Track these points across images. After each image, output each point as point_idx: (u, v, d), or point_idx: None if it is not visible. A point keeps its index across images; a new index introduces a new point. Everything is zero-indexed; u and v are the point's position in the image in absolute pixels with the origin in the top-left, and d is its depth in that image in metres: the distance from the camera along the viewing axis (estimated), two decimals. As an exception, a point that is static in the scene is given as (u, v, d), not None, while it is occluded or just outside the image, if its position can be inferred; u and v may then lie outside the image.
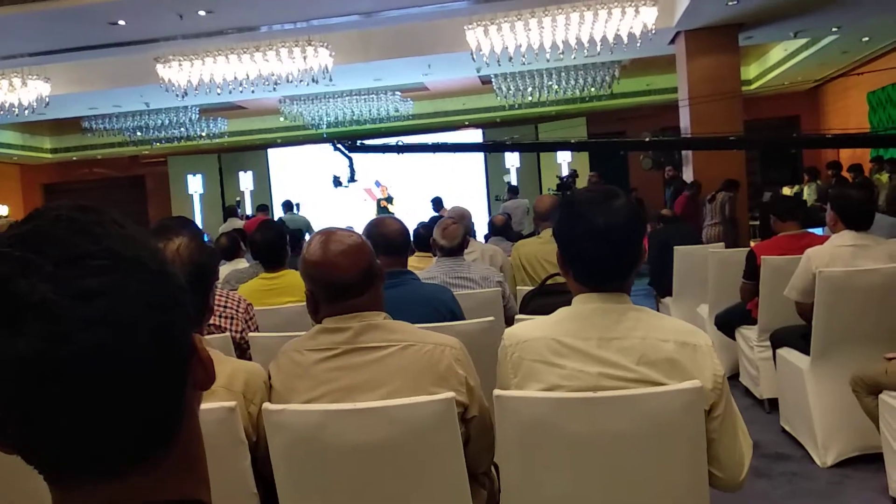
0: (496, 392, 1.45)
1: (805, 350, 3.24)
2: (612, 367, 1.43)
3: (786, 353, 3.48)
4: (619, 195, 1.49)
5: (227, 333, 2.35)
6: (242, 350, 2.42)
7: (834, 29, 9.53)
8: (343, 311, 1.57)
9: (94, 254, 0.52)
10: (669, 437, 1.39)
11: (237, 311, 2.46)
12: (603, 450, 1.41)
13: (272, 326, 2.76)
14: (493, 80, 11.16)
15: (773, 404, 3.80)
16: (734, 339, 4.30)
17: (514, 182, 13.23)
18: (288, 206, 10.63)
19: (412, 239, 4.96)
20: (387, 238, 2.47)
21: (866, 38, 10.35)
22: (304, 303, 2.98)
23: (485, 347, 2.05)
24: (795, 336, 3.40)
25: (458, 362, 1.56)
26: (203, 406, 1.43)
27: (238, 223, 8.99)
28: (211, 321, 2.39)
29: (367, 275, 1.58)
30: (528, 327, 1.56)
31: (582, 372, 1.44)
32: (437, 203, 10.11)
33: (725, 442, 1.42)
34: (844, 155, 11.99)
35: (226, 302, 2.46)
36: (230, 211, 10.79)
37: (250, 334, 2.40)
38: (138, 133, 12.60)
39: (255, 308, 2.80)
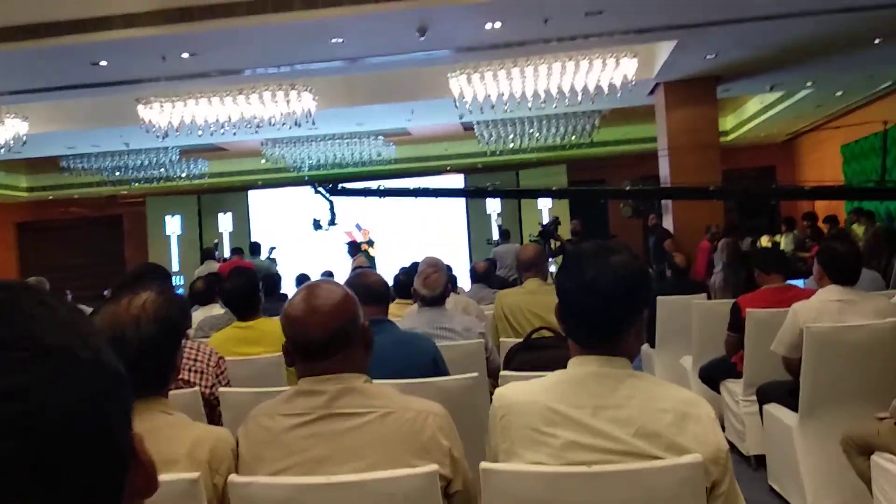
0: (483, 465, 1.35)
1: (793, 406, 3.17)
2: (606, 440, 1.34)
3: (773, 409, 3.41)
4: (619, 251, 1.43)
5: (197, 389, 2.23)
6: (212, 406, 2.30)
7: (808, 83, 9.77)
8: (317, 371, 1.47)
9: (9, 343, 0.43)
10: (668, 514, 1.29)
11: (207, 364, 2.34)
12: (598, 529, 1.31)
13: (245, 378, 2.64)
14: (475, 126, 11.24)
15: (760, 461, 3.71)
16: (719, 392, 4.22)
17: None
18: (254, 249, 10.33)
19: (393, 285, 4.90)
20: (369, 288, 2.40)
21: (840, 93, 10.61)
22: (280, 353, 2.89)
23: (468, 407, 1.96)
24: (783, 392, 3.33)
25: (441, 431, 1.45)
26: (163, 477, 1.32)
27: (215, 266, 8.85)
28: (180, 376, 2.27)
29: (340, 336, 1.48)
30: (520, 390, 1.47)
31: (575, 443, 1.35)
32: (353, 247, 9.96)
33: None
34: (819, 206, 12.17)
35: (196, 355, 2.34)
36: (207, 253, 10.62)
37: (221, 389, 2.28)
38: (117, 173, 12.46)
39: (228, 358, 2.69)
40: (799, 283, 5.16)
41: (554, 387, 1.43)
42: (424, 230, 14.47)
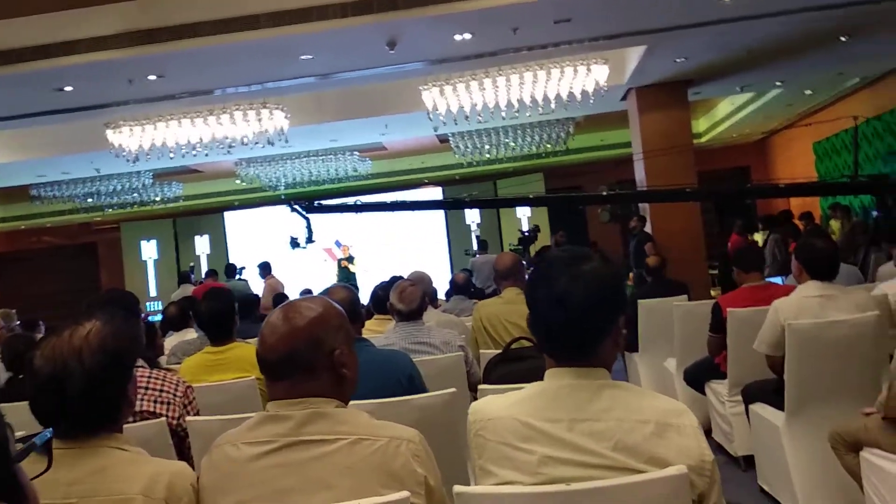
0: (457, 489, 1.28)
1: (779, 405, 3.14)
2: (584, 454, 1.28)
3: (759, 408, 3.38)
4: (589, 259, 1.37)
5: (163, 420, 2.14)
6: (180, 438, 2.20)
7: (778, 83, 9.87)
8: (282, 393, 1.40)
9: None
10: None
11: (174, 394, 2.25)
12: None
13: (217, 405, 2.55)
14: (450, 138, 11.23)
15: (748, 461, 3.67)
16: (704, 393, 4.19)
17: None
18: (230, 271, 10.05)
19: (370, 300, 4.82)
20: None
21: (809, 91, 10.74)
22: (252, 377, 2.80)
23: (447, 424, 1.89)
24: (768, 391, 3.30)
25: (416, 459, 1.37)
26: (116, 518, 1.23)
27: (191, 289, 8.71)
28: (145, 407, 2.18)
29: (294, 359, 1.40)
30: (495, 404, 1.41)
31: (551, 458, 1.29)
32: (265, 268, 9.73)
33: None
34: (795, 203, 12.28)
35: (162, 385, 2.25)
36: (184, 277, 10.47)
37: (188, 419, 2.19)
38: (89, 200, 12.27)
39: (200, 385, 2.60)
40: (778, 280, 5.17)
41: (528, 400, 1.37)
42: (404, 244, 14.41)
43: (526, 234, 10.40)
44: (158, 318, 9.57)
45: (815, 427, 2.93)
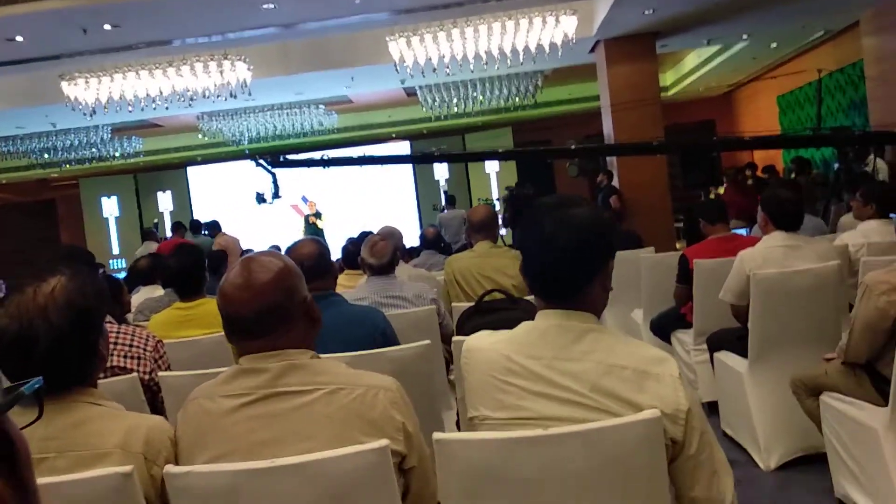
0: (436, 436, 1.30)
1: (742, 353, 3.22)
2: (561, 391, 1.31)
3: (723, 356, 3.47)
4: (578, 203, 1.39)
5: (135, 375, 2.11)
6: (153, 392, 2.19)
7: (744, 36, 9.89)
8: (256, 349, 1.38)
9: None
10: (626, 474, 1.26)
11: (144, 349, 2.22)
12: (555, 492, 1.27)
13: (187, 361, 2.53)
14: (417, 91, 11.07)
15: (712, 408, 3.78)
16: (670, 343, 4.29)
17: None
18: (195, 227, 9.85)
19: (341, 255, 4.79)
20: (306, 259, 2.28)
21: (774, 45, 10.79)
22: (222, 333, 2.78)
23: (421, 375, 1.90)
24: (732, 339, 3.38)
25: (394, 406, 1.38)
26: (93, 473, 1.22)
27: (154, 247, 8.54)
28: (115, 363, 2.15)
29: (274, 313, 1.38)
30: (485, 339, 1.47)
31: (529, 393, 1.33)
32: (214, 227, 9.33)
33: (700, 488, 1.31)
34: (758, 157, 12.46)
35: (131, 340, 2.22)
36: (147, 234, 10.26)
37: (160, 374, 2.17)
38: (45, 155, 11.89)
39: (169, 341, 2.57)
40: (743, 232, 5.27)
41: (515, 338, 1.41)
42: (372, 199, 14.31)
43: (513, 190, 10.17)
44: (122, 276, 9.41)
45: (777, 373, 3.02)
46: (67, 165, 12.55)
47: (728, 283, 3.23)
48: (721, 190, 11.28)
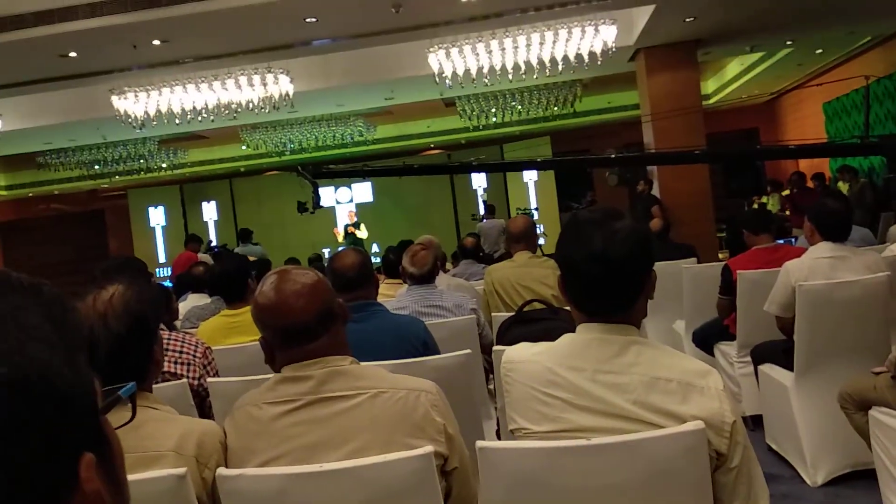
0: (479, 444, 1.31)
1: (788, 366, 3.17)
2: (603, 404, 1.31)
3: (768, 369, 3.41)
4: (621, 216, 1.38)
5: (184, 381, 2.18)
6: (201, 398, 2.25)
7: (788, 42, 9.72)
8: (302, 356, 1.43)
9: None
10: (669, 486, 1.26)
11: (194, 356, 2.29)
12: (598, 503, 1.27)
13: (235, 367, 2.59)
14: (456, 102, 11.13)
15: (756, 421, 3.72)
16: (713, 355, 4.23)
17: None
18: (244, 236, 10.20)
19: (381, 264, 4.85)
20: (338, 273, 2.34)
21: (819, 51, 10.57)
22: (269, 341, 2.84)
23: (462, 385, 1.92)
24: (777, 351, 3.33)
25: (435, 409, 1.41)
26: (149, 475, 1.27)
27: (206, 257, 8.73)
28: (166, 368, 2.22)
29: (325, 315, 1.44)
30: (526, 350, 1.46)
31: (571, 405, 1.33)
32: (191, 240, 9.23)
33: (739, 503, 1.30)
34: (804, 165, 12.19)
35: (181, 346, 2.29)
36: (192, 239, 10.49)
37: (209, 380, 2.23)
38: (96, 167, 12.28)
39: (217, 348, 2.64)
40: (789, 241, 5.17)
41: (557, 349, 1.41)
42: (411, 210, 14.42)
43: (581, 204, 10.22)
44: (168, 284, 9.65)
45: (824, 387, 2.96)
46: (117, 177, 12.93)
47: (773, 295, 3.18)
48: (766, 200, 11.07)
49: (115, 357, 1.34)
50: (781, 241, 4.58)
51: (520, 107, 11.18)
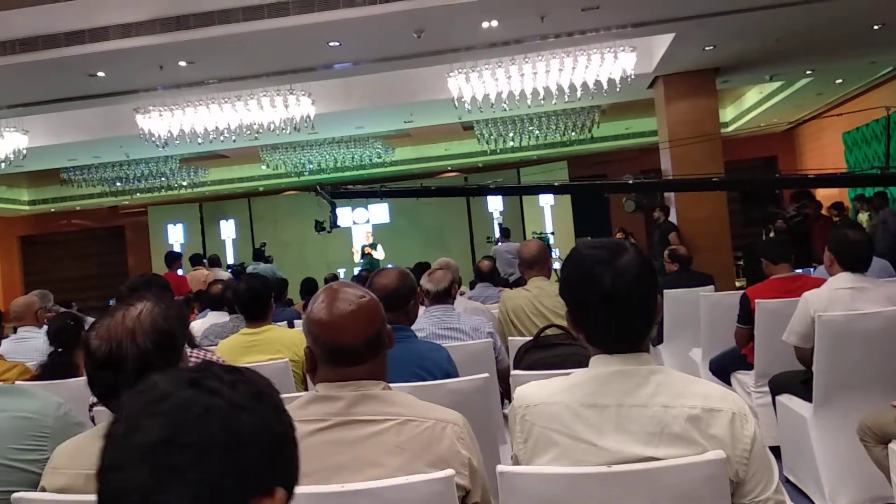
0: (500, 468, 1.32)
1: (807, 396, 3.14)
2: (630, 439, 1.31)
3: (786, 399, 3.38)
4: (626, 250, 1.39)
5: (205, 397, 2.20)
6: (221, 415, 2.27)
7: (808, 72, 9.73)
8: (342, 377, 1.44)
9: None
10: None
11: (216, 373, 2.31)
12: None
13: (253, 386, 2.61)
14: (475, 125, 11.22)
15: (774, 452, 3.67)
16: (730, 384, 4.19)
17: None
18: (258, 255, 10.29)
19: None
20: (383, 290, 2.35)
21: (839, 80, 10.57)
22: (286, 359, 2.87)
23: (480, 408, 1.93)
24: (795, 382, 3.30)
25: (460, 441, 1.42)
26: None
27: (223, 274, 8.80)
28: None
29: (375, 342, 1.46)
30: (541, 389, 1.44)
31: (595, 446, 1.33)
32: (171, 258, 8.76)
33: None
34: (822, 194, 12.12)
35: (203, 363, 2.31)
36: (213, 261, 10.59)
37: (230, 398, 2.25)
38: (118, 183, 12.46)
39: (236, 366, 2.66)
40: (808, 271, 5.14)
41: (577, 386, 1.39)
42: (427, 232, 14.47)
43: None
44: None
45: (843, 419, 2.93)
46: (138, 194, 13.12)
47: (792, 325, 3.16)
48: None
49: (143, 372, 1.36)
50: (800, 271, 4.55)
51: (537, 131, 11.24)
